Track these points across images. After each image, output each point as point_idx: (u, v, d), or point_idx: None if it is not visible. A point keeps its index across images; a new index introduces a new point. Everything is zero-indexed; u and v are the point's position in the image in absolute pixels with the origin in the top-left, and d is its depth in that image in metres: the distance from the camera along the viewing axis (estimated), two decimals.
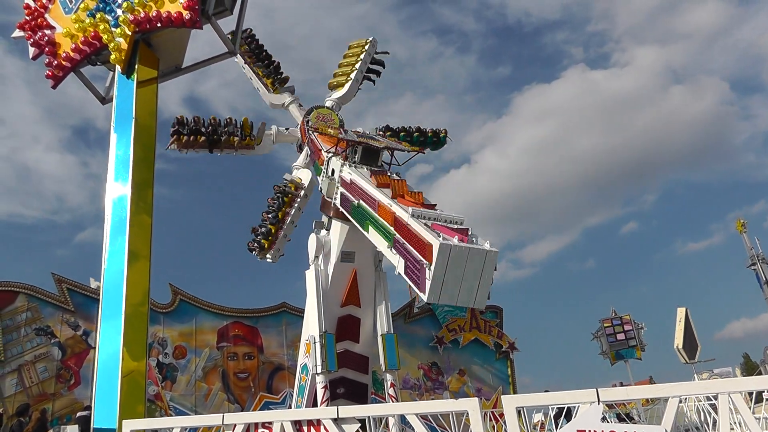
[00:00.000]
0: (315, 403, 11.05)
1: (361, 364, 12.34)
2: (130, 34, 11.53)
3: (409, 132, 16.71)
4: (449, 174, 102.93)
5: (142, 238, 10.61)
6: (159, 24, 11.38)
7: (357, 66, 15.96)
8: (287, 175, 14.44)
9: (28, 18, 12.85)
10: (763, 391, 6.68)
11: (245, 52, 15.16)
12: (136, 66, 11.76)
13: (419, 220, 7.77)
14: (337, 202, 11.12)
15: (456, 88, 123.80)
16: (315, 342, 11.10)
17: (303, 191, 14.09)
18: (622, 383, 24.02)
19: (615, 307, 26.66)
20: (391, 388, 11.79)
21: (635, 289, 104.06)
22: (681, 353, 22.74)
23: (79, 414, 13.38)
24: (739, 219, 34.10)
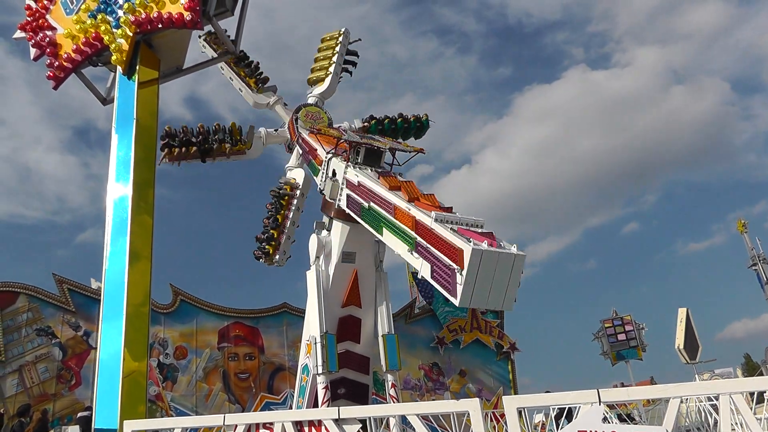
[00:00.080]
0: (316, 404, 11.05)
1: (362, 364, 12.33)
2: (131, 35, 11.54)
3: (393, 120, 16.65)
4: (450, 174, 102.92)
5: (143, 238, 10.64)
6: (160, 25, 11.39)
7: (334, 59, 15.84)
8: (282, 177, 14.47)
9: (29, 19, 12.87)
10: (765, 392, 6.67)
11: (223, 53, 14.77)
12: (137, 67, 11.79)
13: (444, 224, 7.77)
14: (342, 203, 10.99)
15: (457, 88, 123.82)
16: (316, 342, 11.08)
17: (299, 191, 14.11)
18: (623, 384, 24.03)
19: (616, 308, 26.71)
20: (392, 388, 11.78)
21: (636, 290, 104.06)
22: (682, 353, 22.71)
23: (80, 414, 13.40)
24: (740, 219, 34.01)
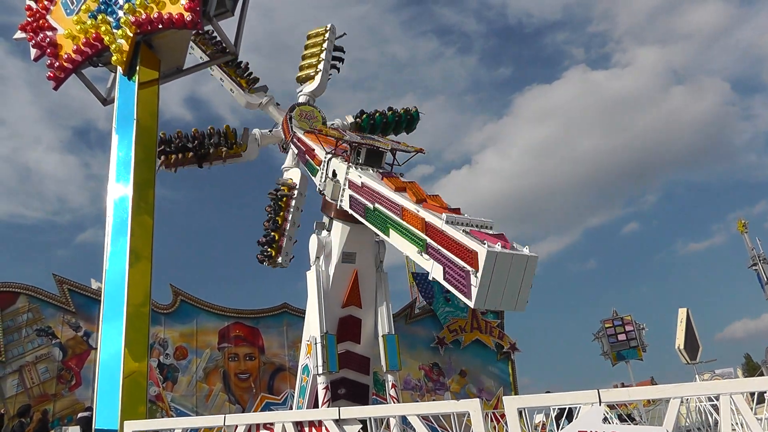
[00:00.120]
0: (316, 404, 11.05)
1: (363, 364, 12.33)
2: (131, 35, 11.53)
3: (384, 113, 16.61)
4: (450, 174, 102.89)
5: (143, 238, 10.64)
6: (160, 25, 11.39)
7: (323, 56, 15.74)
8: (279, 179, 14.45)
9: (29, 19, 12.87)
10: (765, 392, 6.67)
11: (213, 53, 14.66)
12: (137, 67, 11.78)
13: (455, 226, 7.77)
14: (345, 204, 10.96)
15: (457, 88, 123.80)
16: (316, 343, 11.08)
17: (297, 191, 14.09)
18: (623, 384, 24.02)
19: (616, 308, 26.71)
20: (393, 389, 11.79)
21: (636, 290, 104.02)
22: (682, 354, 22.70)
23: (81, 415, 13.40)
24: (740, 219, 33.99)
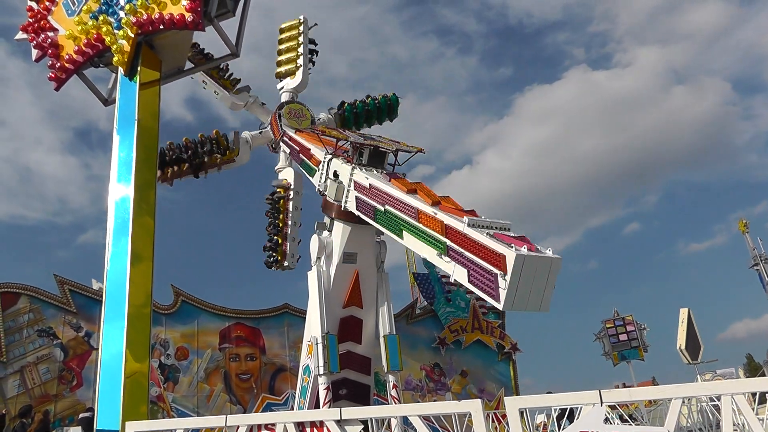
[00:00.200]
0: (317, 405, 11.04)
1: (364, 365, 12.32)
2: (132, 36, 11.53)
3: (364, 102, 16.47)
4: (451, 175, 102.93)
5: (144, 239, 10.63)
6: (161, 26, 11.38)
7: (300, 50, 15.56)
8: (274, 180, 14.43)
9: (31, 20, 12.87)
10: (767, 392, 6.67)
11: (194, 55, 14.43)
12: (138, 68, 11.78)
13: (478, 229, 7.85)
14: (350, 206, 10.89)
15: (457, 89, 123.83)
16: (317, 343, 11.07)
17: (292, 190, 14.07)
18: (624, 384, 24.03)
19: (617, 308, 26.72)
20: (394, 389, 11.77)
21: (637, 290, 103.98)
22: (684, 354, 22.70)
23: (82, 415, 13.40)
24: (742, 219, 34.07)
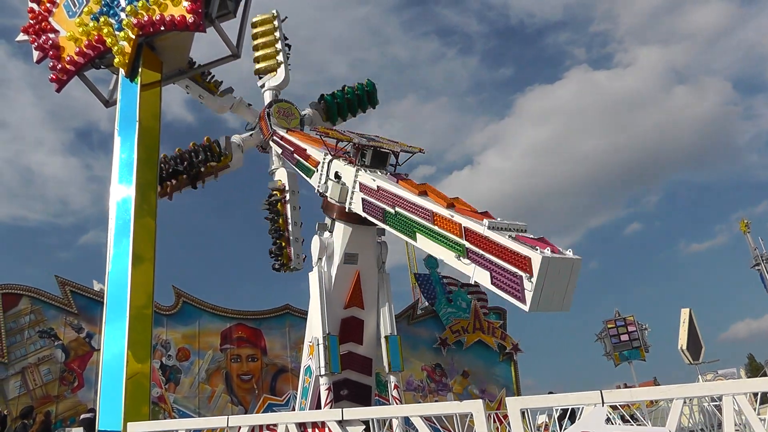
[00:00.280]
0: (318, 405, 11.04)
1: (365, 365, 12.32)
2: (133, 37, 11.55)
3: (343, 91, 16.29)
4: (452, 175, 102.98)
5: (145, 240, 10.65)
6: (162, 27, 11.39)
7: (278, 46, 15.30)
8: (269, 183, 14.43)
9: (32, 22, 12.89)
10: None
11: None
12: (139, 69, 11.80)
13: (499, 232, 7.94)
14: (356, 207, 10.85)
15: (458, 89, 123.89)
16: (318, 344, 11.07)
17: (288, 191, 14.07)
18: (626, 384, 24.01)
19: (618, 308, 26.69)
20: (395, 389, 11.77)
21: (639, 291, 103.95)
22: (685, 354, 22.66)
23: (83, 416, 13.42)
24: (743, 219, 34.03)
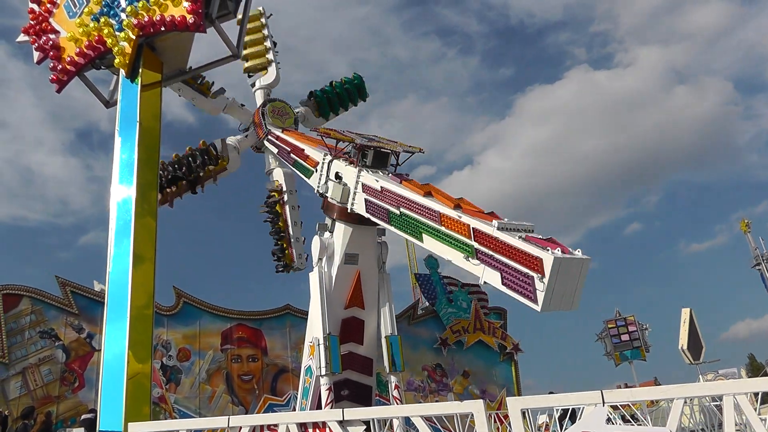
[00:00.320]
0: (319, 405, 11.04)
1: (365, 366, 12.33)
2: (134, 38, 11.55)
3: (332, 86, 16.26)
4: (452, 175, 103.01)
5: (146, 240, 10.65)
6: (163, 28, 11.39)
7: (267, 44, 15.21)
8: (267, 184, 14.43)
9: (32, 22, 12.89)
10: None
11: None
12: (140, 70, 11.80)
13: (509, 233, 8.00)
14: (358, 208, 10.85)
15: (459, 89, 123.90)
16: (319, 344, 11.08)
17: (286, 192, 14.06)
18: (626, 384, 24.00)
19: (619, 308, 26.66)
20: (396, 390, 11.79)
21: (639, 290, 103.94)
22: (686, 354, 22.65)
23: (84, 416, 13.41)
24: (744, 219, 34.00)
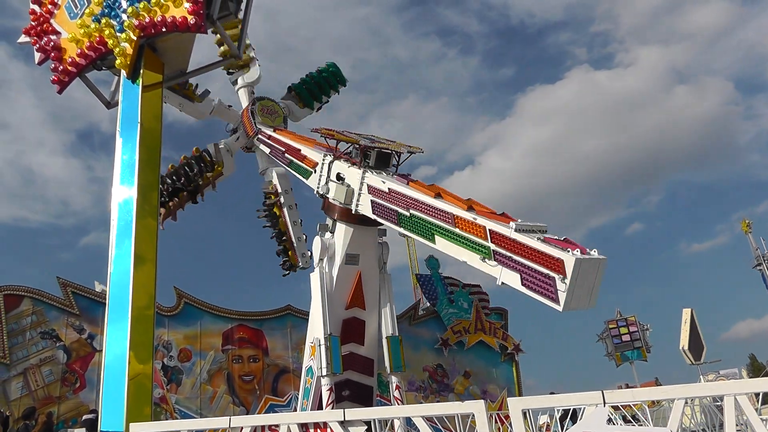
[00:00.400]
0: (320, 406, 11.05)
1: (366, 366, 12.33)
2: (135, 39, 11.57)
3: (309, 76, 16.10)
4: (453, 175, 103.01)
5: (147, 241, 10.67)
6: (164, 29, 11.40)
7: (247, 41, 14.97)
8: (263, 185, 14.40)
9: (33, 23, 12.90)
10: None
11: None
12: (141, 71, 11.82)
13: (527, 234, 8.13)
14: (364, 210, 10.84)
15: (459, 89, 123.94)
16: (320, 344, 11.08)
17: (282, 192, 14.05)
18: (627, 384, 24.01)
19: (620, 309, 26.69)
20: (397, 390, 11.79)
21: (640, 291, 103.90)
22: (687, 354, 22.64)
23: (85, 417, 13.43)
24: (745, 219, 33.94)
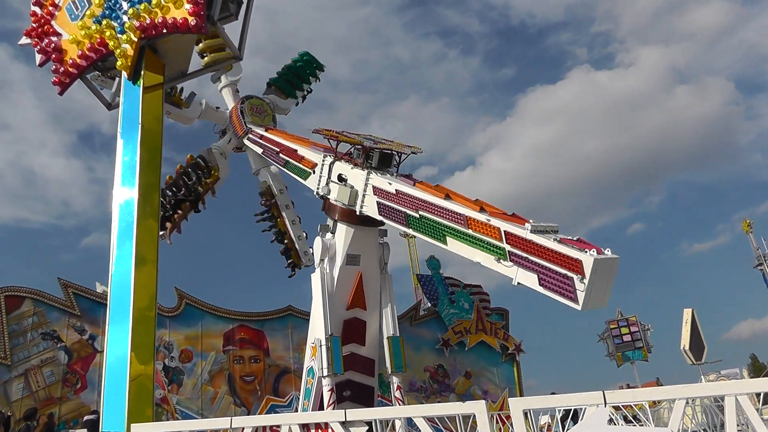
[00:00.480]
0: (321, 406, 11.06)
1: (368, 366, 12.33)
2: (135, 40, 11.59)
3: (285, 68, 16.03)
4: (454, 176, 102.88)
5: (148, 242, 10.68)
6: (165, 30, 11.42)
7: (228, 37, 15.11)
8: (258, 186, 14.40)
9: (34, 25, 12.93)
10: None
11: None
12: (142, 72, 11.84)
13: (543, 235, 8.26)
14: (369, 211, 10.84)
15: (460, 90, 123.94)
16: (321, 345, 11.09)
17: (277, 193, 14.04)
18: (628, 385, 23.94)
19: (621, 309, 26.60)
20: (398, 390, 11.80)
21: (641, 291, 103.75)
22: (688, 354, 22.59)
23: (87, 417, 13.43)
24: (746, 219, 33.83)
